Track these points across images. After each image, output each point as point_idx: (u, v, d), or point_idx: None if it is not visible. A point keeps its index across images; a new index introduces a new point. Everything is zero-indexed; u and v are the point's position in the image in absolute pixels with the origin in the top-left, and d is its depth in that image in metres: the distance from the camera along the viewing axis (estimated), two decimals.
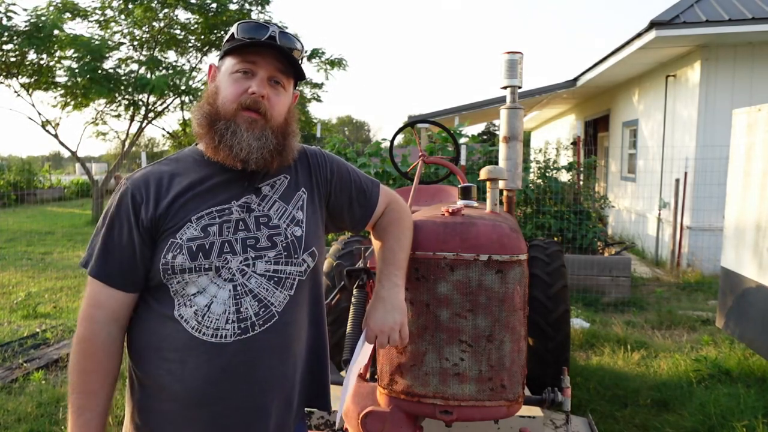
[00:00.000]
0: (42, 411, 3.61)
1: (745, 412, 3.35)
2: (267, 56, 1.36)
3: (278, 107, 1.38)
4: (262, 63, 1.36)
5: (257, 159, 1.33)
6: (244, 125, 1.33)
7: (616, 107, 11.94)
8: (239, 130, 1.33)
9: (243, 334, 1.31)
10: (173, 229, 1.31)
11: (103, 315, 1.31)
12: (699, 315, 5.89)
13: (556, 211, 7.34)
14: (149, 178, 1.36)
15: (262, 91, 1.34)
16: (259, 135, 1.34)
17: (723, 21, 7.39)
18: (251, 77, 1.36)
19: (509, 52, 2.55)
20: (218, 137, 1.33)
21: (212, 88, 1.40)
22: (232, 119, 1.34)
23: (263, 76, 1.36)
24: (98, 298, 1.32)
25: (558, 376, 2.46)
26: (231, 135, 1.32)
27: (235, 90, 1.35)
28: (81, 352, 1.31)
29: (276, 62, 1.36)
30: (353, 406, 1.75)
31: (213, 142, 1.34)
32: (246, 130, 1.33)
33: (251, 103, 1.34)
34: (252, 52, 1.35)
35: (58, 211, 18.22)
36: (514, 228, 1.72)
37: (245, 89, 1.34)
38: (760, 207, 3.87)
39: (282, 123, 1.39)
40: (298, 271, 1.38)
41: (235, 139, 1.32)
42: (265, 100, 1.35)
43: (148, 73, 13.91)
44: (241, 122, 1.33)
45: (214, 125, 1.34)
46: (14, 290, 7.01)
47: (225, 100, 1.35)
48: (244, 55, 1.36)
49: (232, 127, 1.33)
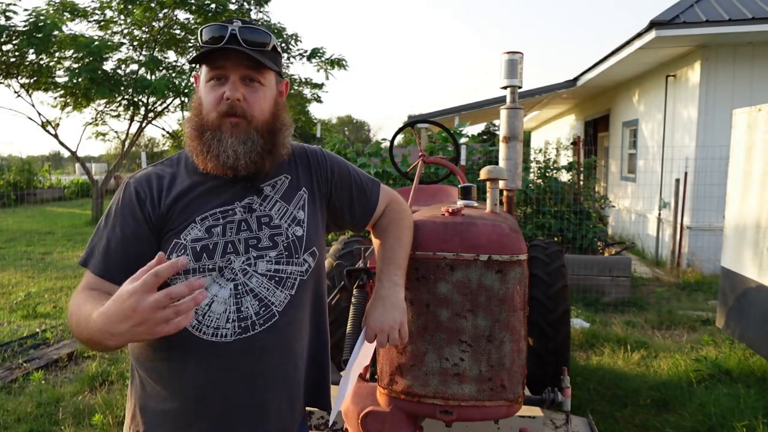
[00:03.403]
0: (42, 411, 3.61)
1: (745, 412, 3.35)
2: (233, 57, 1.32)
3: (258, 104, 1.36)
4: (229, 66, 1.33)
5: (246, 164, 1.33)
6: (228, 131, 1.32)
7: (616, 107, 11.93)
8: (223, 137, 1.32)
9: (243, 334, 1.31)
10: (177, 229, 1.31)
11: (97, 294, 1.24)
12: (699, 315, 5.89)
13: (556, 211, 7.34)
14: (152, 177, 1.37)
15: (235, 94, 1.32)
16: (244, 138, 1.33)
17: (723, 21, 7.38)
18: (224, 82, 1.33)
19: (509, 52, 2.55)
20: (206, 149, 1.33)
21: (197, 99, 1.39)
22: (217, 128, 1.33)
23: (234, 79, 1.33)
24: (93, 285, 1.28)
25: (558, 376, 2.46)
26: (216, 143, 1.32)
27: (212, 99, 1.34)
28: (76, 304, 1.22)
29: (244, 62, 1.33)
30: (353, 406, 1.75)
31: (202, 153, 1.34)
32: (230, 135, 1.32)
33: (227, 108, 1.32)
34: (218, 56, 1.33)
35: (58, 211, 18.21)
36: (514, 228, 1.72)
37: (221, 95, 1.33)
38: (760, 207, 3.87)
39: (268, 119, 1.37)
40: (299, 270, 1.38)
41: (220, 147, 1.32)
42: (243, 101, 1.33)
43: (148, 74, 13.90)
44: (225, 129, 1.33)
45: (202, 137, 1.34)
46: (14, 290, 7.01)
47: (206, 111, 1.35)
48: (211, 62, 1.34)
49: (218, 136, 1.33)
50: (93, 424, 3.41)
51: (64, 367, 4.45)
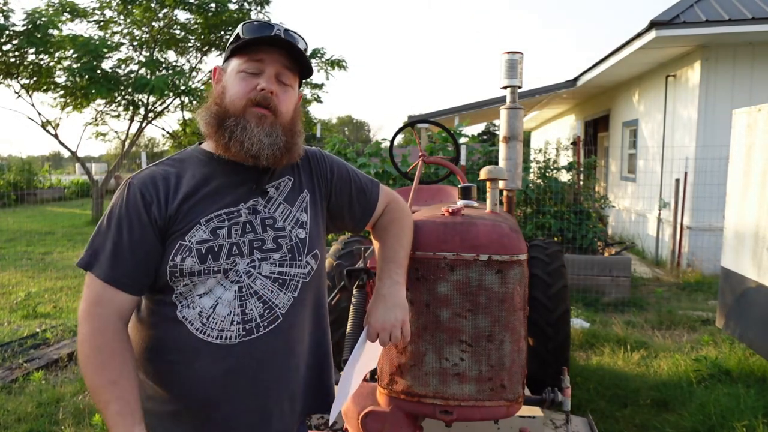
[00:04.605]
0: (42, 411, 3.61)
1: (745, 412, 3.35)
2: (273, 54, 1.36)
3: (286, 104, 1.38)
4: (268, 60, 1.35)
5: (268, 155, 1.33)
6: (254, 121, 1.33)
7: (616, 107, 11.93)
8: (249, 125, 1.32)
9: (248, 336, 1.31)
10: (182, 231, 1.30)
11: (109, 312, 1.27)
12: (699, 315, 5.89)
13: (556, 211, 7.34)
14: (156, 177, 1.34)
15: (271, 87, 1.34)
16: (269, 131, 1.34)
17: (723, 21, 7.38)
18: (259, 75, 1.35)
19: (509, 52, 2.55)
20: (228, 134, 1.33)
21: (219, 89, 1.39)
22: (241, 116, 1.33)
23: (271, 73, 1.36)
24: (102, 297, 1.27)
25: (558, 376, 2.46)
26: (241, 131, 1.32)
27: (243, 88, 1.35)
28: (93, 347, 1.24)
29: (282, 59, 1.36)
30: (353, 406, 1.75)
31: (223, 138, 1.33)
32: (256, 125, 1.33)
33: (261, 99, 1.34)
34: (258, 51, 1.35)
35: (58, 211, 18.21)
36: (514, 228, 1.72)
37: (254, 86, 1.34)
38: (760, 207, 3.87)
39: (289, 121, 1.40)
40: (301, 273, 1.38)
41: (245, 135, 1.32)
42: (274, 96, 1.35)
43: (147, 74, 13.90)
44: (250, 118, 1.33)
45: (223, 123, 1.34)
46: (14, 290, 7.01)
47: (233, 97, 1.35)
48: (250, 54, 1.36)
49: (242, 123, 1.32)
50: (93, 424, 3.41)
51: (64, 367, 4.45)
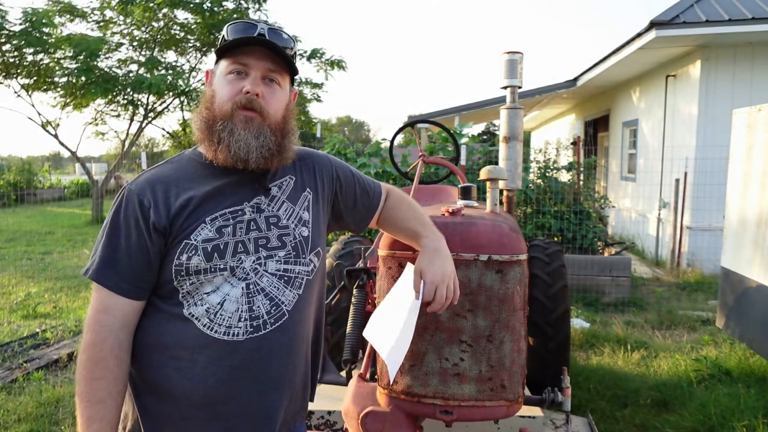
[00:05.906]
0: (42, 411, 3.61)
1: (745, 412, 3.35)
2: (258, 55, 1.35)
3: (274, 104, 1.38)
4: (253, 62, 1.35)
5: (257, 158, 1.33)
6: (241, 124, 1.33)
7: (616, 107, 11.93)
8: (236, 129, 1.32)
9: (255, 333, 1.31)
10: (187, 231, 1.30)
11: (113, 321, 1.27)
12: (699, 315, 5.89)
13: (556, 211, 7.34)
14: (154, 182, 1.34)
15: (256, 89, 1.34)
16: (257, 133, 1.33)
17: (723, 21, 7.39)
18: (245, 77, 1.35)
19: (509, 52, 2.55)
20: (217, 139, 1.33)
21: (209, 92, 1.40)
22: (228, 119, 1.33)
23: (256, 75, 1.35)
24: (106, 305, 1.28)
25: (558, 376, 2.45)
26: (228, 134, 1.32)
27: (229, 91, 1.35)
28: (89, 358, 1.26)
29: (268, 60, 1.36)
30: (353, 406, 1.75)
31: (213, 144, 1.34)
32: (243, 128, 1.32)
33: (246, 101, 1.33)
34: (243, 52, 1.35)
35: (58, 211, 18.22)
36: (514, 228, 1.72)
37: (240, 89, 1.34)
38: (760, 207, 3.87)
39: (280, 121, 1.39)
40: (305, 270, 1.39)
41: (232, 138, 1.32)
42: (261, 98, 1.35)
43: (147, 74, 13.90)
44: (237, 121, 1.33)
45: (212, 128, 1.34)
46: (14, 290, 7.01)
47: (221, 101, 1.35)
48: (236, 56, 1.35)
49: (230, 127, 1.32)
50: None
51: (64, 367, 4.45)
